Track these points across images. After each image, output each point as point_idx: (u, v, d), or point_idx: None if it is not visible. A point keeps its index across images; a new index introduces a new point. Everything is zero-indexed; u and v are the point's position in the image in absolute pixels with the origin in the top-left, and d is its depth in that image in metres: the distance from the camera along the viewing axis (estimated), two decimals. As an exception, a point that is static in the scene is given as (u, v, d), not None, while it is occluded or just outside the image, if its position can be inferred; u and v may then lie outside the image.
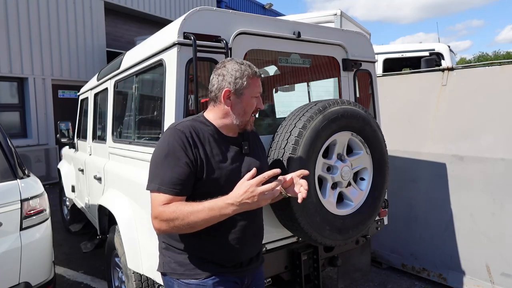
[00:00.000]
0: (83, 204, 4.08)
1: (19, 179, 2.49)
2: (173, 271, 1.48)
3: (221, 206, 1.28)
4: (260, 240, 1.65)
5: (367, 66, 2.80)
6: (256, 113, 1.56)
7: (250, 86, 1.47)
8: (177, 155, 1.38)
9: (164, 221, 1.32)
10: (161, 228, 1.34)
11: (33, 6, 8.37)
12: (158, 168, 1.39)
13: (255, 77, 1.49)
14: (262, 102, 1.54)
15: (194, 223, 1.30)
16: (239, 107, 1.49)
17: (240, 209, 1.28)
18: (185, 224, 1.30)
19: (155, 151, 1.44)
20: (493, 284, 3.04)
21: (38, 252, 2.49)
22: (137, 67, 2.56)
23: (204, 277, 1.44)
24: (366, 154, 2.30)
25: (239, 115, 1.50)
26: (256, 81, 1.50)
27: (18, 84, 8.43)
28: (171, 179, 1.35)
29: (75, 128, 4.93)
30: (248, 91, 1.47)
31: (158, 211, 1.34)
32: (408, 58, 6.87)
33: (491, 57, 35.51)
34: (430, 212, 3.41)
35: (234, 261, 1.50)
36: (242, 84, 1.46)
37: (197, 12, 2.01)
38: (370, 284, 3.48)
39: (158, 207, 1.34)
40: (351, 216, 2.24)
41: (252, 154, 1.58)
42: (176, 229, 1.34)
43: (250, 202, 1.26)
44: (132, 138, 2.75)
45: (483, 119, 3.10)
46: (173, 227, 1.32)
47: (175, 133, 1.42)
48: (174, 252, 1.49)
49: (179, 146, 1.39)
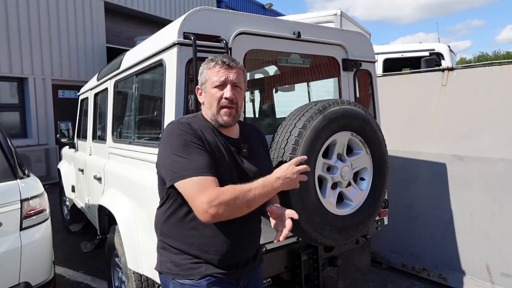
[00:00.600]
0: (83, 204, 4.08)
1: (19, 179, 2.49)
2: (169, 270, 1.48)
3: (272, 181, 1.39)
4: (256, 241, 1.62)
5: (367, 66, 2.80)
6: (230, 104, 1.45)
7: (210, 76, 1.46)
8: (195, 142, 1.38)
9: (223, 203, 1.28)
10: (218, 212, 1.28)
11: (33, 6, 8.37)
12: (184, 158, 1.34)
13: (214, 66, 1.46)
14: (231, 90, 1.45)
15: (252, 200, 1.34)
16: (206, 102, 1.49)
17: (284, 184, 1.41)
18: (244, 202, 1.33)
19: (167, 146, 1.40)
20: (493, 284, 3.04)
21: (38, 252, 2.49)
22: (137, 67, 2.56)
23: (198, 278, 1.44)
24: (366, 154, 2.30)
25: (208, 109, 1.49)
26: (213, 70, 1.46)
27: (18, 84, 8.43)
28: (204, 162, 1.35)
29: (75, 128, 4.93)
30: (209, 83, 1.47)
31: (213, 194, 1.28)
32: (408, 58, 6.87)
33: (491, 57, 35.50)
34: (430, 212, 3.41)
35: (229, 262, 1.48)
36: (203, 78, 1.49)
37: (197, 12, 2.01)
38: (370, 284, 3.48)
39: (209, 190, 1.29)
40: (351, 216, 2.24)
41: (251, 157, 1.55)
42: (235, 210, 1.32)
43: (292, 177, 1.41)
44: (132, 138, 2.75)
45: (483, 119, 3.10)
46: (232, 207, 1.30)
47: (180, 125, 1.43)
48: (170, 252, 1.49)
49: (191, 134, 1.40)
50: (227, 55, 1.51)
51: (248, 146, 1.56)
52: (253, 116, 3.62)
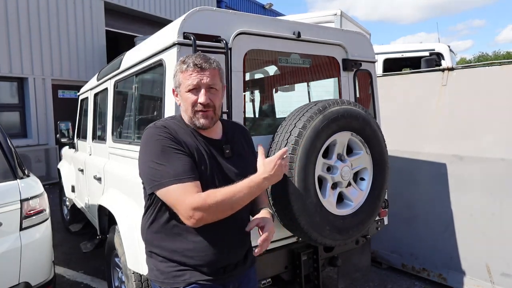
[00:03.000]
0: (83, 204, 4.08)
1: (19, 179, 2.49)
2: (156, 278, 1.46)
3: (258, 182, 1.33)
4: (245, 243, 1.56)
5: (367, 66, 2.80)
6: (206, 108, 1.41)
7: (182, 80, 1.41)
8: (173, 147, 1.35)
9: (208, 208, 1.27)
10: (203, 217, 1.28)
11: (33, 6, 8.37)
12: (162, 165, 1.32)
13: (186, 69, 1.40)
14: (205, 94, 1.39)
15: (236, 203, 1.31)
16: (182, 105, 1.45)
17: (271, 182, 1.36)
18: (228, 206, 1.30)
19: (145, 153, 1.38)
20: (493, 284, 3.04)
21: (38, 252, 2.49)
22: (137, 67, 2.56)
23: (183, 286, 1.41)
24: (366, 154, 2.30)
25: (184, 113, 1.45)
26: (185, 74, 1.40)
27: (18, 84, 8.42)
28: (184, 167, 1.32)
29: (75, 128, 4.93)
30: (182, 87, 1.42)
31: (196, 200, 1.27)
32: (408, 58, 6.87)
33: (491, 57, 35.50)
34: (430, 212, 3.41)
35: (215, 267, 1.43)
36: (177, 81, 1.44)
37: (197, 12, 2.01)
38: (370, 284, 3.48)
39: (193, 196, 1.27)
40: (351, 216, 2.24)
41: (235, 158, 1.51)
42: (218, 214, 1.31)
43: (278, 173, 1.35)
44: (132, 138, 2.75)
45: (483, 119, 3.10)
46: (216, 211, 1.29)
47: (158, 129, 1.39)
48: (156, 260, 1.46)
49: (169, 139, 1.36)
50: (200, 55, 1.44)
51: (231, 146, 1.51)
52: (253, 116, 3.62)
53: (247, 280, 1.60)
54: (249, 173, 1.38)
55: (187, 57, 1.44)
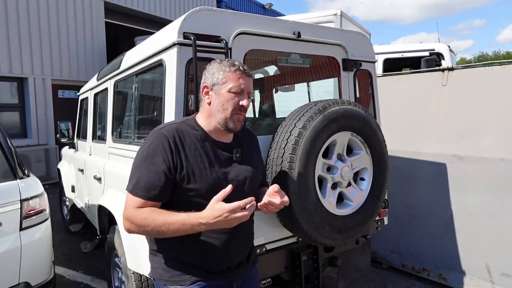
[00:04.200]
0: (83, 204, 4.08)
1: (19, 179, 2.49)
2: (160, 276, 1.47)
3: (193, 223, 1.27)
4: (248, 244, 1.60)
5: (367, 66, 2.80)
6: (243, 112, 1.44)
7: (228, 79, 1.40)
8: (155, 160, 1.35)
9: (134, 224, 1.34)
10: (130, 229, 1.36)
11: (33, 6, 8.37)
12: (136, 170, 1.39)
13: (236, 71, 1.41)
14: (248, 99, 1.43)
15: (164, 233, 1.31)
16: (217, 103, 1.42)
17: (211, 226, 1.27)
18: (154, 232, 1.33)
19: (138, 152, 1.42)
20: (493, 284, 3.04)
21: (38, 252, 2.49)
22: (137, 67, 2.56)
23: (189, 283, 1.42)
24: (366, 154, 2.30)
25: (218, 112, 1.42)
26: (234, 75, 1.41)
27: (18, 84, 8.43)
28: (146, 183, 1.34)
29: (75, 128, 4.93)
30: (225, 85, 1.40)
31: (130, 213, 1.35)
32: (408, 58, 6.87)
33: (491, 57, 35.50)
34: (430, 212, 3.41)
35: (220, 267, 1.46)
36: (218, 78, 1.42)
37: (197, 12, 2.01)
38: (370, 284, 3.48)
39: (130, 209, 1.35)
40: (351, 216, 2.24)
41: (244, 162, 1.52)
42: (146, 234, 1.39)
43: (223, 224, 1.26)
44: (132, 138, 2.75)
45: (483, 119, 3.10)
46: (142, 231, 1.36)
47: (159, 137, 1.39)
48: (160, 258, 1.48)
49: (159, 151, 1.36)
50: (241, 62, 1.48)
51: (241, 150, 1.52)
52: (253, 116, 3.62)
53: (249, 280, 1.62)
54: (257, 176, 1.43)
55: (230, 59, 1.49)
